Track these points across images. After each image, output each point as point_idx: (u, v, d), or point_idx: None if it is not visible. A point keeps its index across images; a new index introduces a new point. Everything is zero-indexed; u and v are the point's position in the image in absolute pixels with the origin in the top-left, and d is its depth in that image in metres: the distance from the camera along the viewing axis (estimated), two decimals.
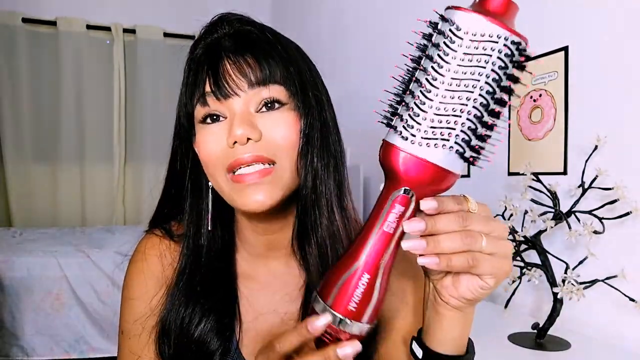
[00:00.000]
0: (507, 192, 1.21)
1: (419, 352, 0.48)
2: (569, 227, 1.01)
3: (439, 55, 0.37)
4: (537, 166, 1.25)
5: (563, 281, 0.98)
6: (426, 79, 0.38)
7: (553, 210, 1.06)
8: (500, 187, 1.40)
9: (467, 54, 0.37)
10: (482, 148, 0.40)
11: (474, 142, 0.39)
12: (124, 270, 0.68)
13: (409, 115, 0.39)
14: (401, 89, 0.40)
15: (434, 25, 0.39)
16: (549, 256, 1.06)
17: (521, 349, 1.01)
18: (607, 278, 0.98)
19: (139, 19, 3.37)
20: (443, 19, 0.38)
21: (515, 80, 0.39)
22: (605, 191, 1.02)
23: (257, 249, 0.65)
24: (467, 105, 0.38)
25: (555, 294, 1.01)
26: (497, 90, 0.38)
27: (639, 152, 1.04)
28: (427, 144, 0.38)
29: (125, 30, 3.36)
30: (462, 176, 1.75)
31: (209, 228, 0.61)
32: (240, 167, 0.53)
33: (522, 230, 1.08)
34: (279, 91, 0.55)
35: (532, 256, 1.09)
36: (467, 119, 0.38)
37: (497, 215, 1.14)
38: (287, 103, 0.55)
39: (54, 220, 3.25)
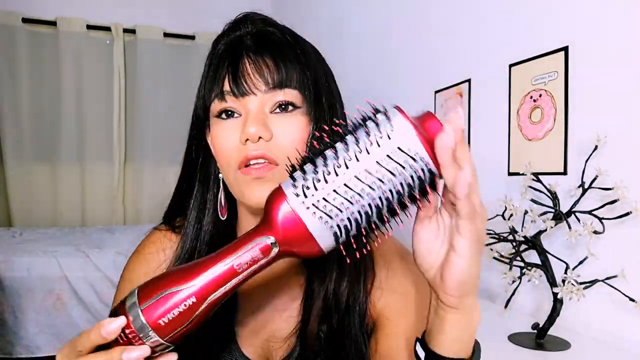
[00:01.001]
0: (507, 192, 1.21)
1: (422, 354, 0.48)
2: (569, 227, 1.01)
3: (364, 142, 0.39)
4: (537, 166, 1.25)
5: (563, 281, 0.98)
6: (344, 157, 0.39)
7: (553, 210, 1.06)
8: (500, 187, 1.40)
9: (388, 156, 0.38)
10: (356, 240, 0.41)
11: (353, 232, 0.40)
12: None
13: (312, 178, 0.40)
14: (317, 149, 0.41)
15: (374, 112, 0.40)
16: (549, 256, 1.06)
17: (521, 349, 1.02)
18: (607, 278, 0.98)
19: (139, 19, 3.37)
20: (385, 113, 0.40)
21: (414, 200, 0.40)
22: (605, 191, 1.02)
23: None
24: (362, 199, 0.39)
25: (555, 294, 1.01)
26: (395, 201, 0.39)
27: (639, 152, 1.04)
28: (313, 212, 0.39)
29: (125, 30, 3.36)
30: None
31: (222, 218, 0.63)
32: (249, 164, 0.55)
33: (522, 230, 1.08)
34: (294, 95, 0.56)
35: (532, 256, 1.09)
36: (358, 210, 0.39)
37: (497, 215, 1.14)
38: (300, 107, 0.57)
39: (54, 220, 3.25)
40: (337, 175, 0.39)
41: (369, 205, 0.39)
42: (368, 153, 0.39)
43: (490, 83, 1.51)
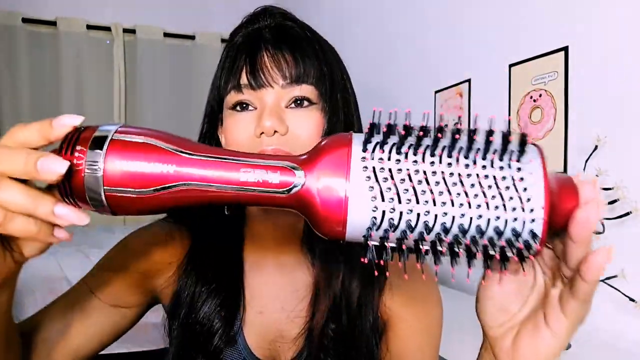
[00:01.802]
0: None
1: None
2: None
3: (478, 150, 0.30)
4: None
5: None
6: (443, 147, 0.30)
7: None
8: None
9: (496, 180, 0.29)
10: (386, 250, 0.31)
11: (394, 235, 0.30)
12: None
13: (393, 144, 0.31)
14: (415, 128, 0.31)
15: (506, 134, 0.30)
16: None
17: None
18: (607, 278, 0.98)
19: (139, 19, 3.37)
20: (522, 142, 0.30)
21: (487, 255, 0.31)
22: (605, 191, 1.02)
23: (266, 242, 0.65)
24: (433, 205, 0.29)
25: None
26: (468, 235, 0.30)
27: (639, 152, 1.04)
28: (367, 176, 0.30)
29: (125, 30, 3.36)
30: None
31: (226, 212, 0.61)
32: None
33: None
34: (310, 91, 0.56)
35: None
36: (418, 214, 0.29)
37: None
38: (316, 103, 0.56)
39: None
40: (423, 160, 0.30)
41: (435, 217, 0.29)
42: (474, 162, 0.29)
43: (490, 83, 1.51)
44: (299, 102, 0.55)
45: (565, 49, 1.22)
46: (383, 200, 0.29)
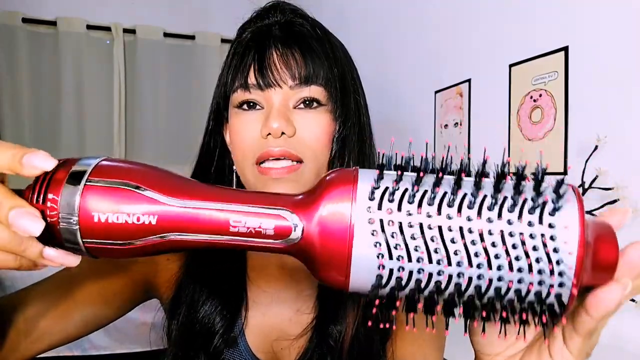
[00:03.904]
0: None
1: None
2: None
3: (505, 200, 0.27)
4: None
5: None
6: (466, 194, 0.27)
7: None
8: None
9: (522, 238, 0.26)
10: (393, 306, 0.28)
11: (400, 295, 0.28)
12: None
13: (405, 190, 0.27)
14: (438, 167, 0.28)
15: (538, 178, 0.28)
16: None
17: None
18: None
19: (139, 19, 3.37)
20: (557, 188, 0.27)
21: (504, 320, 0.28)
22: (605, 191, 1.02)
23: None
24: (448, 266, 0.27)
25: None
26: (483, 296, 0.27)
27: (639, 152, 1.04)
28: (373, 230, 0.27)
29: (125, 30, 3.36)
30: None
31: None
32: (269, 160, 0.53)
33: None
34: (319, 92, 0.54)
35: None
36: (430, 273, 0.27)
37: None
38: (325, 104, 0.55)
39: None
40: (439, 212, 0.27)
41: (449, 278, 0.27)
42: (499, 216, 0.26)
43: (490, 83, 1.51)
44: (307, 103, 0.54)
45: (565, 49, 1.22)
46: (391, 258, 0.27)
